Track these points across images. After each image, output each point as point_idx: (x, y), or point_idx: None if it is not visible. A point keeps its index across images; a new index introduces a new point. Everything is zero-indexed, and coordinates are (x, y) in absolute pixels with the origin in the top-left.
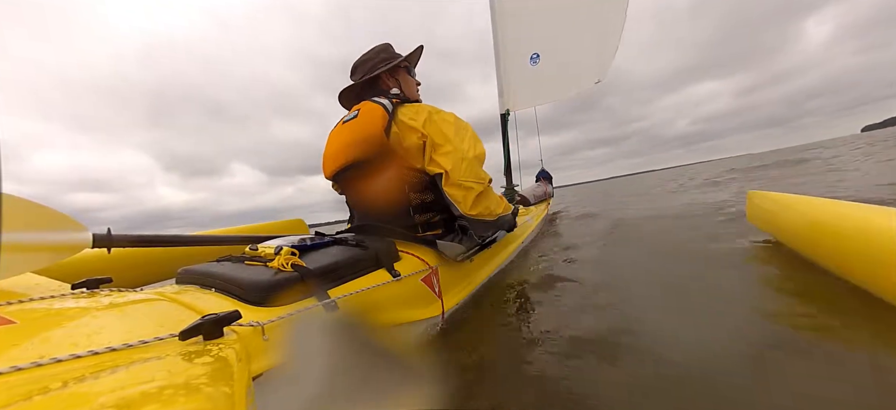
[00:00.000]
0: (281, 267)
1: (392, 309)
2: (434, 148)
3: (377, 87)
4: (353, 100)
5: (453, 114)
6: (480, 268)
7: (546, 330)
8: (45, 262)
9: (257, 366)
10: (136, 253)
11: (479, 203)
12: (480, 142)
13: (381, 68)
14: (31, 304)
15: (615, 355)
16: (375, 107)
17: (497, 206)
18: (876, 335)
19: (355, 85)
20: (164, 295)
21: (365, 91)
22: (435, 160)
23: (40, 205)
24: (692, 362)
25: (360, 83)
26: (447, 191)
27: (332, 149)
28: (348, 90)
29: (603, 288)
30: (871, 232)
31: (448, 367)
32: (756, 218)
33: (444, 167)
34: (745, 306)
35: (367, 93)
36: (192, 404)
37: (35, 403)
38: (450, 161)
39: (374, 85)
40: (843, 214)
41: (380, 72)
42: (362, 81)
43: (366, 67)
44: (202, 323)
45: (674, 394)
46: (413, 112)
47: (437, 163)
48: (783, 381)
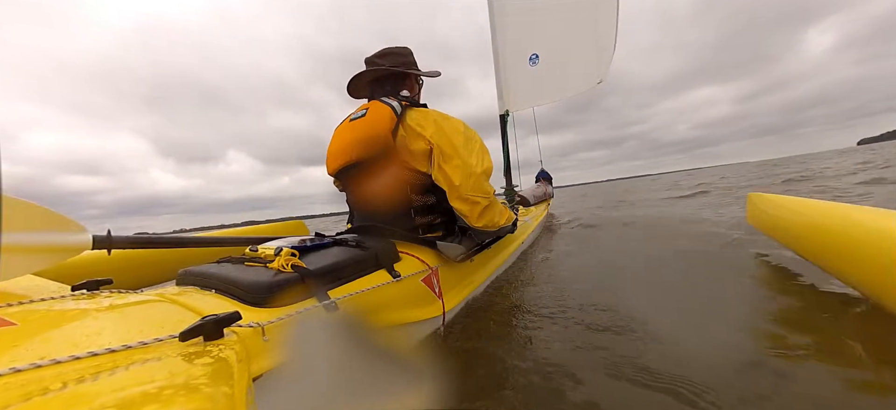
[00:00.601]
0: (281, 268)
1: (392, 309)
2: (443, 157)
3: (397, 84)
4: (362, 89)
5: (462, 121)
6: (480, 269)
7: (545, 331)
8: (45, 264)
9: (257, 367)
10: (136, 255)
11: (485, 216)
12: (488, 155)
13: (412, 70)
14: (32, 306)
15: (615, 355)
16: (384, 107)
17: (500, 217)
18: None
19: (369, 72)
20: (164, 296)
21: (380, 83)
22: (444, 171)
23: (40, 206)
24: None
25: (383, 72)
26: (454, 205)
27: (337, 145)
28: (364, 75)
29: (601, 288)
30: (873, 236)
31: (448, 367)
32: (756, 221)
33: (452, 181)
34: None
35: (381, 87)
36: (192, 404)
37: (34, 404)
38: (458, 175)
39: (395, 80)
40: (845, 217)
41: (411, 72)
42: (390, 71)
43: (397, 60)
44: (202, 324)
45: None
46: (421, 117)
47: (446, 175)
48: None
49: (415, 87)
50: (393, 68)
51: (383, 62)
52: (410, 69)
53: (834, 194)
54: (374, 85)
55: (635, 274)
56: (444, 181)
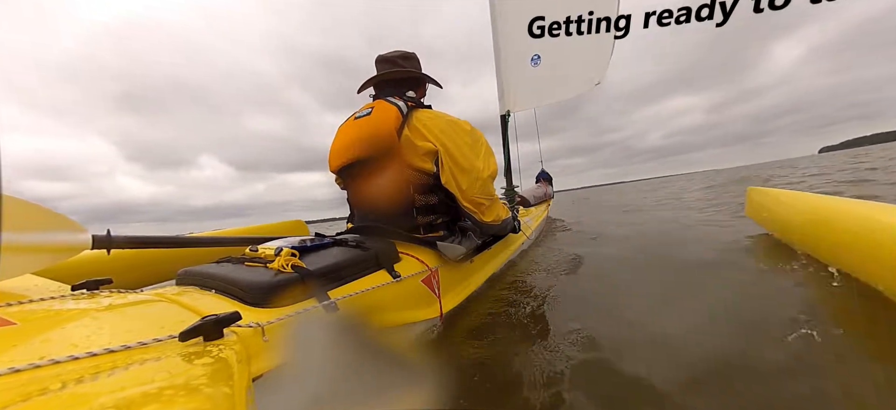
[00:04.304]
0: (281, 268)
1: (392, 310)
2: (452, 160)
3: (409, 87)
4: (368, 87)
5: (468, 122)
6: (480, 270)
7: (545, 331)
8: (45, 264)
9: (257, 367)
10: (136, 255)
11: (489, 213)
12: (493, 156)
13: (425, 77)
14: (31, 306)
15: (615, 355)
16: (390, 107)
17: (502, 211)
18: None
19: (395, 72)
20: (164, 296)
21: (390, 84)
22: (453, 175)
23: (40, 206)
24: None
25: (404, 74)
26: (463, 205)
27: (341, 143)
28: (389, 75)
29: (600, 287)
30: (870, 228)
31: (447, 367)
32: (754, 214)
33: (461, 185)
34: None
35: (391, 87)
36: (191, 404)
37: (33, 404)
38: (466, 180)
39: (411, 83)
40: (842, 210)
41: (426, 77)
42: (409, 74)
43: (415, 64)
44: (202, 324)
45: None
46: (428, 118)
47: (455, 179)
48: None
49: (422, 92)
50: (412, 72)
51: (406, 65)
52: (426, 75)
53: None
54: (383, 84)
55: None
56: (454, 185)
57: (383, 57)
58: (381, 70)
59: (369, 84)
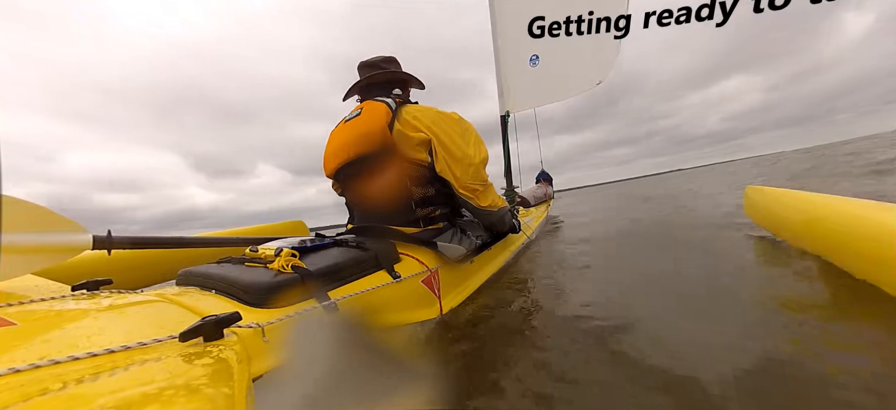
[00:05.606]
0: (281, 268)
1: (392, 310)
2: (445, 149)
3: (395, 86)
4: (355, 91)
5: (456, 112)
6: (480, 270)
7: (544, 331)
8: (45, 264)
9: (257, 368)
10: (136, 255)
11: (484, 199)
12: (483, 144)
13: (409, 76)
14: (32, 306)
15: (614, 356)
16: (379, 104)
17: (498, 200)
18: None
19: (381, 74)
20: (164, 296)
21: (377, 87)
22: (446, 165)
23: (40, 206)
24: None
25: (390, 76)
26: (459, 192)
27: (335, 146)
28: (377, 77)
29: (600, 287)
30: (869, 228)
31: (446, 368)
32: (753, 213)
33: (455, 173)
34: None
35: (379, 89)
36: (192, 405)
37: (33, 404)
38: (459, 168)
39: (397, 84)
40: (841, 209)
41: (411, 76)
42: (395, 76)
43: (398, 66)
44: (202, 324)
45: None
46: (417, 110)
47: (449, 168)
48: None
49: (407, 92)
50: (396, 73)
51: (389, 67)
52: (408, 75)
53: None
54: (369, 88)
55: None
56: (448, 174)
57: (365, 62)
58: (364, 75)
59: (355, 89)
